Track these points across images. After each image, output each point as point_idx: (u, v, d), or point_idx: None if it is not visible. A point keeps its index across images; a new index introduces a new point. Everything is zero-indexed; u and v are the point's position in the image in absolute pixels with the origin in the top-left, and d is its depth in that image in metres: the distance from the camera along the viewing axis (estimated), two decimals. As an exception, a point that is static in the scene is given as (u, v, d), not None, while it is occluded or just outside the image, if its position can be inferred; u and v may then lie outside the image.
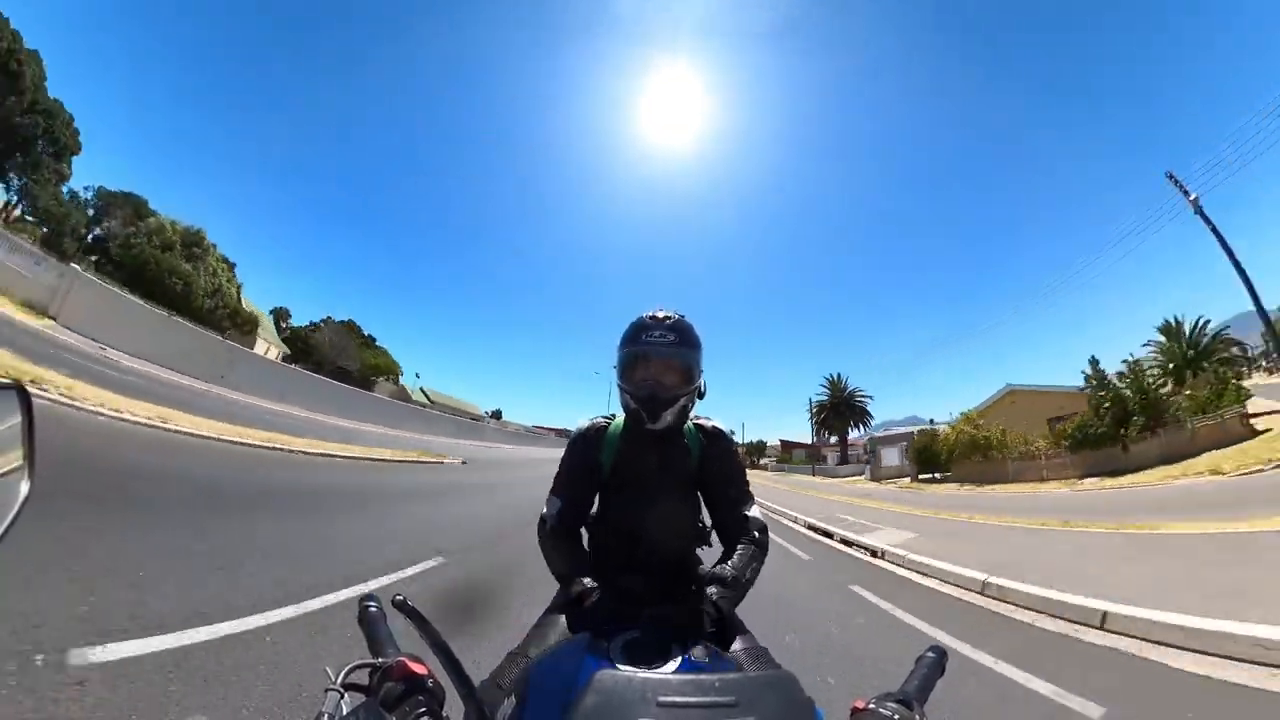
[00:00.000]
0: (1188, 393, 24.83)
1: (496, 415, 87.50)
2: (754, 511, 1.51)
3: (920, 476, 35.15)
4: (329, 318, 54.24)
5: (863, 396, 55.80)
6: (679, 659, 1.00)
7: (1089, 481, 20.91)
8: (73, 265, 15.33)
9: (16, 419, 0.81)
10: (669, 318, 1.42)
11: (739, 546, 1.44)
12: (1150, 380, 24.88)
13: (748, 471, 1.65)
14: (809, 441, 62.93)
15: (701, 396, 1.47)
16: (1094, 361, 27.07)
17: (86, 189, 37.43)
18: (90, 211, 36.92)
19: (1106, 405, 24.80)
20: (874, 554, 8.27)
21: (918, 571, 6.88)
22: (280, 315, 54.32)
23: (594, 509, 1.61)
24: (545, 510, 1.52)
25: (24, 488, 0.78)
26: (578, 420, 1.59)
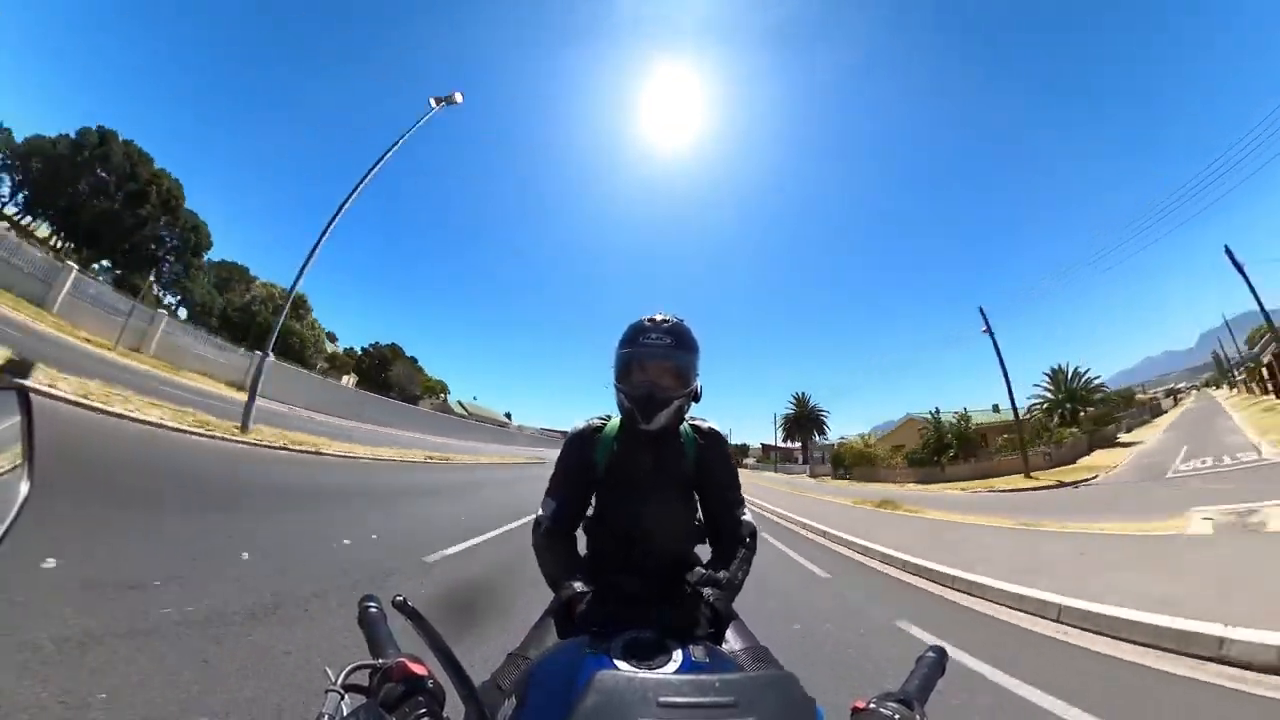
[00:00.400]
0: (1068, 428, 34.64)
1: (507, 418, 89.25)
2: (745, 515, 1.56)
3: (836, 475, 51.86)
4: (377, 343, 60.61)
5: (821, 411, 71.01)
6: (679, 659, 1.00)
7: (911, 485, 34.67)
8: (256, 352, 20.17)
9: (17, 420, 0.82)
10: (666, 321, 1.44)
11: (737, 550, 1.48)
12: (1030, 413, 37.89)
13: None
14: (777, 445, 76.98)
15: (697, 399, 1.49)
16: (935, 411, 42.56)
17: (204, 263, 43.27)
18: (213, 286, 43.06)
19: (929, 438, 40.71)
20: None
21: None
22: (329, 338, 60.16)
23: (590, 509, 1.61)
24: (540, 512, 1.52)
25: (24, 488, 0.78)
26: (574, 421, 1.59)
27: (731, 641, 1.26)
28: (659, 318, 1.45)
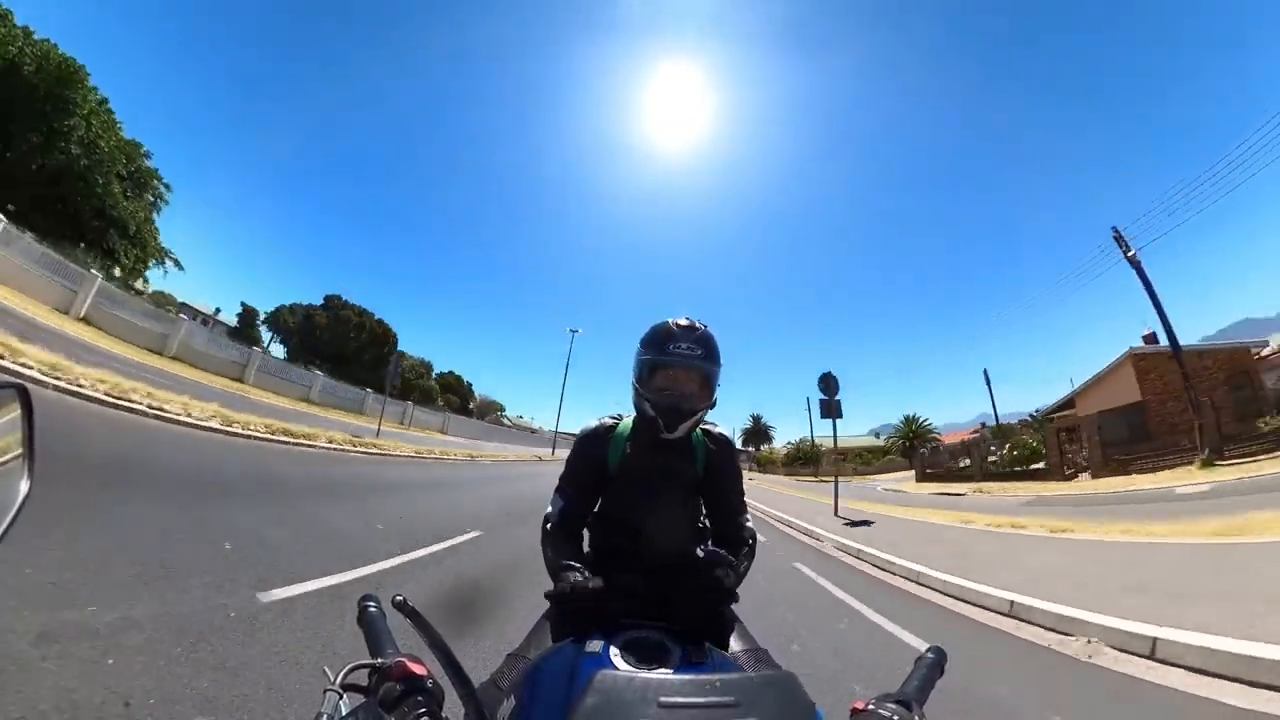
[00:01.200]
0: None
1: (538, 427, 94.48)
2: (748, 521, 1.56)
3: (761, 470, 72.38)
4: (452, 372, 75.51)
5: (768, 425, 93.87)
6: (679, 659, 1.00)
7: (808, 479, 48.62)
8: (451, 414, 45.11)
9: (17, 419, 0.81)
10: (695, 329, 1.39)
11: (740, 549, 1.48)
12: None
13: None
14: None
15: (712, 408, 1.47)
16: (810, 438, 61.67)
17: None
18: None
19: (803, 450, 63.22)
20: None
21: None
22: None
23: (596, 508, 1.60)
24: (549, 509, 1.52)
25: (24, 487, 0.78)
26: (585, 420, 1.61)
27: (731, 642, 1.26)
28: (684, 323, 1.40)
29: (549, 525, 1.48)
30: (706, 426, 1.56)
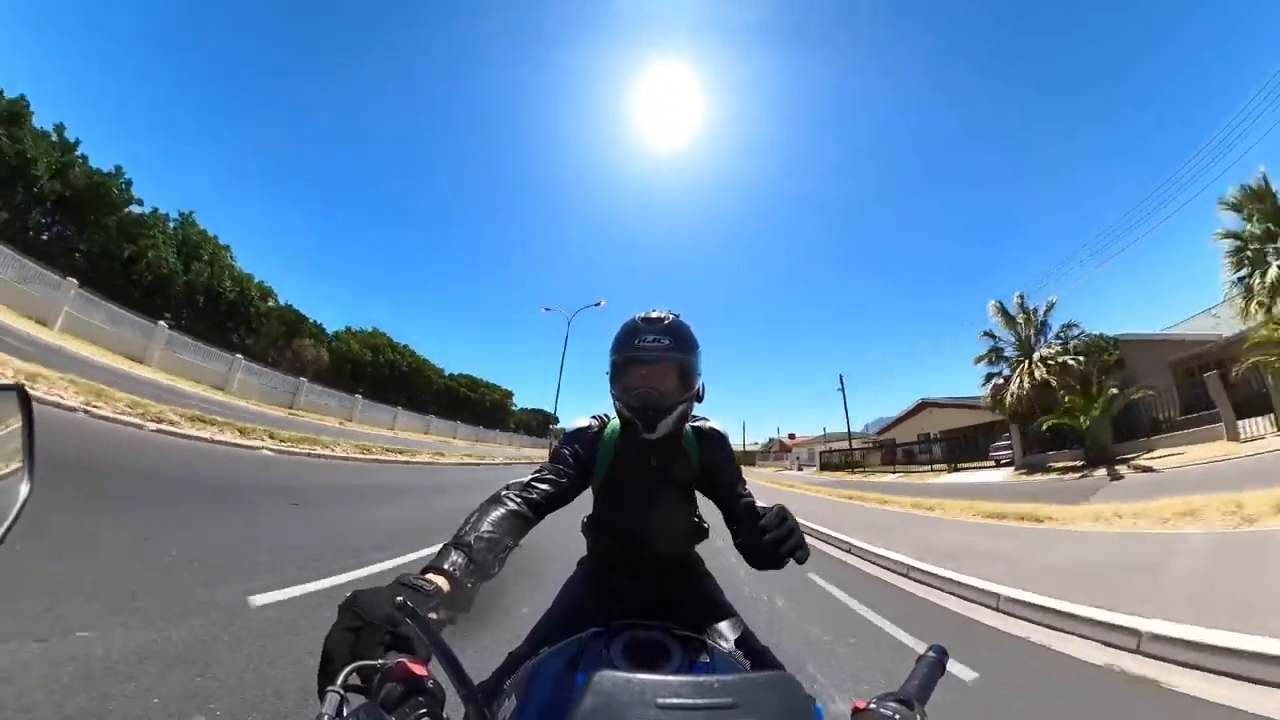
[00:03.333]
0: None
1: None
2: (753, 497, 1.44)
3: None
4: (489, 382, 79.82)
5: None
6: (679, 660, 1.00)
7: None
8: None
9: (17, 420, 0.82)
10: (662, 319, 1.34)
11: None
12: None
13: None
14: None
15: (700, 400, 1.42)
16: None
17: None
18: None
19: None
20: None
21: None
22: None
23: (591, 512, 1.59)
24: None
25: (24, 488, 0.78)
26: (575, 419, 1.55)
27: (731, 642, 1.27)
28: (654, 315, 1.35)
29: (504, 488, 1.27)
30: (696, 424, 1.49)
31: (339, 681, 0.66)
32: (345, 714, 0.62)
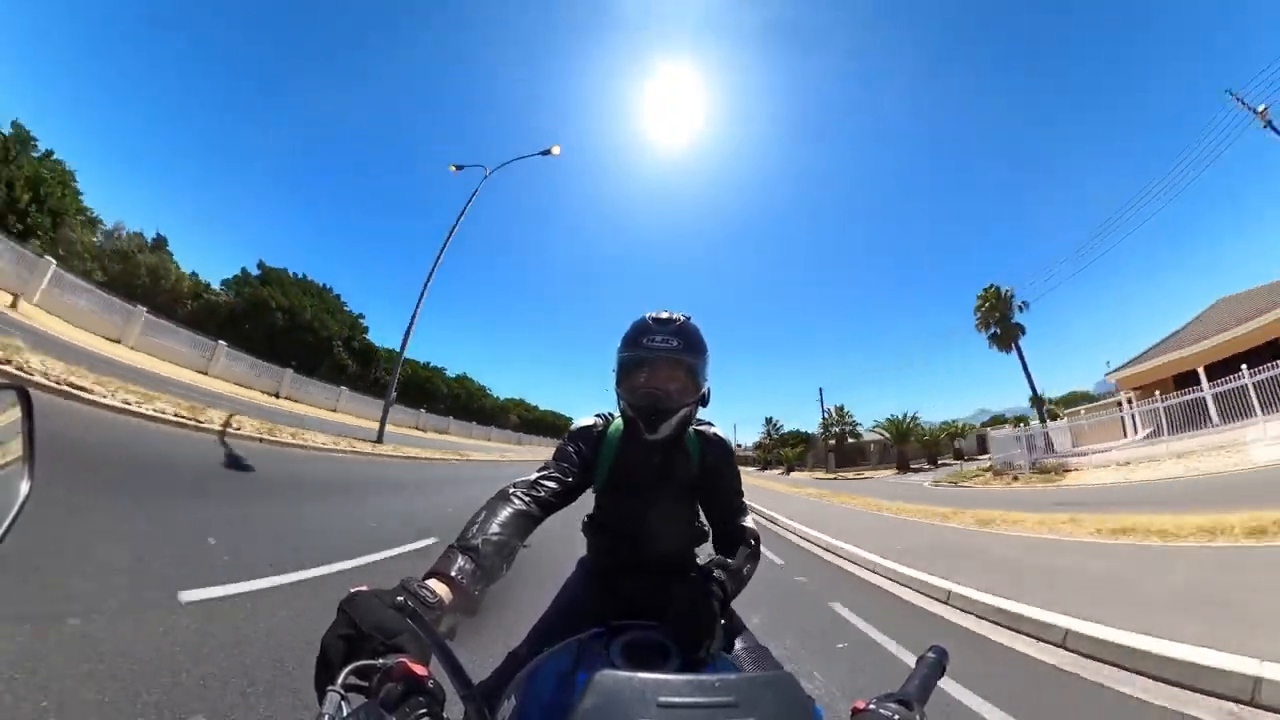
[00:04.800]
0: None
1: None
2: (749, 522, 1.47)
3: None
4: (517, 399, 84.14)
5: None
6: (679, 659, 1.00)
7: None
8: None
9: (17, 419, 0.82)
10: (672, 320, 1.33)
11: (740, 549, 1.37)
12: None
13: None
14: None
15: (705, 404, 1.39)
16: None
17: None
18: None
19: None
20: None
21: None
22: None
23: (592, 512, 1.59)
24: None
25: (24, 487, 0.78)
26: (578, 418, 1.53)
27: (732, 642, 1.26)
28: (664, 315, 1.34)
29: (510, 486, 1.25)
30: (700, 428, 1.47)
31: (339, 681, 0.65)
32: (345, 714, 0.62)
